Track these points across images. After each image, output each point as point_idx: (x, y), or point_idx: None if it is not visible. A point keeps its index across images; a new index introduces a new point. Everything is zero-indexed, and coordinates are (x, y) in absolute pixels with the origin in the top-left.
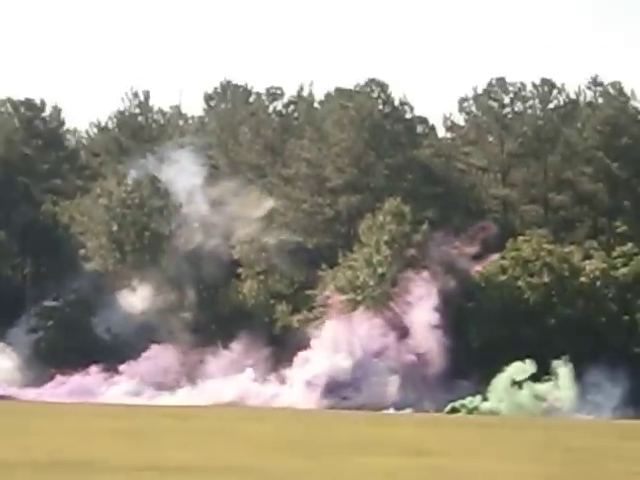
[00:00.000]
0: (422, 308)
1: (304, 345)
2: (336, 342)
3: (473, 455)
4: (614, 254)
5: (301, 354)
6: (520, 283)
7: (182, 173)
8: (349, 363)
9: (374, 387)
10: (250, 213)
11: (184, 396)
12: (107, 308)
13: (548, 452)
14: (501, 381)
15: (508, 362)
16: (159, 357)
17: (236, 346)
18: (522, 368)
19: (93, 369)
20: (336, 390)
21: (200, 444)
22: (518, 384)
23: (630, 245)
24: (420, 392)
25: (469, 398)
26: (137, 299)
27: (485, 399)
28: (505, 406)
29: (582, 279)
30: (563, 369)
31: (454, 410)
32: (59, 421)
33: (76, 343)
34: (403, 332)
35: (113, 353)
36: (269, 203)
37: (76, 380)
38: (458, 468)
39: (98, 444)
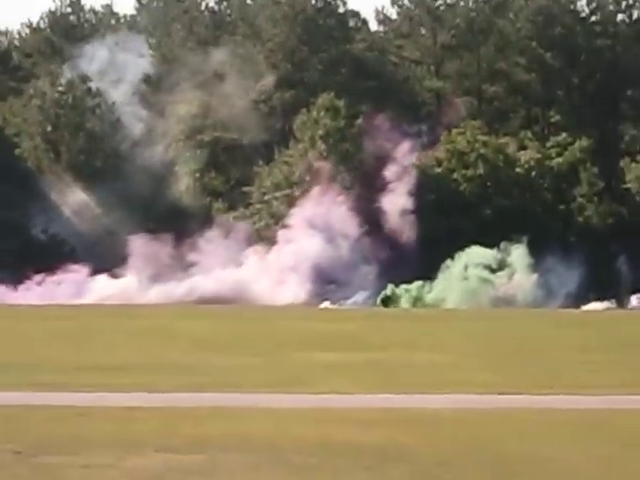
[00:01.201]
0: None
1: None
2: (314, 227)
3: (411, 348)
4: (548, 144)
5: (282, 234)
6: (455, 175)
7: (115, 72)
8: (332, 250)
9: (355, 279)
10: (184, 110)
11: (189, 288)
12: (43, 209)
13: (489, 343)
14: (456, 268)
15: (446, 254)
16: (144, 250)
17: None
18: (479, 254)
19: (74, 267)
20: (319, 280)
21: (140, 343)
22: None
23: (564, 135)
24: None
25: (417, 283)
26: (73, 199)
27: (429, 290)
28: (456, 295)
29: (517, 170)
30: (518, 252)
31: (393, 295)
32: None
33: (12, 245)
34: (372, 220)
35: (50, 253)
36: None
37: (63, 279)
38: (395, 362)
39: (39, 345)
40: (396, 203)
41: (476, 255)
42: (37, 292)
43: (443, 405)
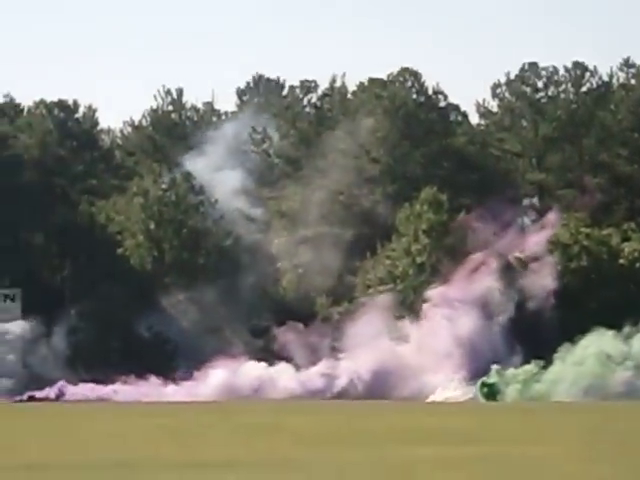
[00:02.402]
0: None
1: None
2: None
3: (521, 441)
4: None
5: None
6: (559, 267)
7: (217, 169)
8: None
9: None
10: (287, 206)
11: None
12: (147, 307)
13: (597, 436)
14: (574, 353)
15: (553, 346)
16: (291, 338)
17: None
18: (600, 339)
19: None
20: (471, 363)
21: (244, 439)
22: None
23: None
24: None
25: (527, 367)
26: (176, 297)
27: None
28: (570, 382)
29: (621, 261)
30: None
31: (500, 380)
32: (102, 421)
33: (117, 343)
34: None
35: (154, 351)
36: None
37: (209, 374)
38: (508, 455)
39: (141, 443)
40: (533, 287)
41: (597, 341)
42: (185, 387)
43: None
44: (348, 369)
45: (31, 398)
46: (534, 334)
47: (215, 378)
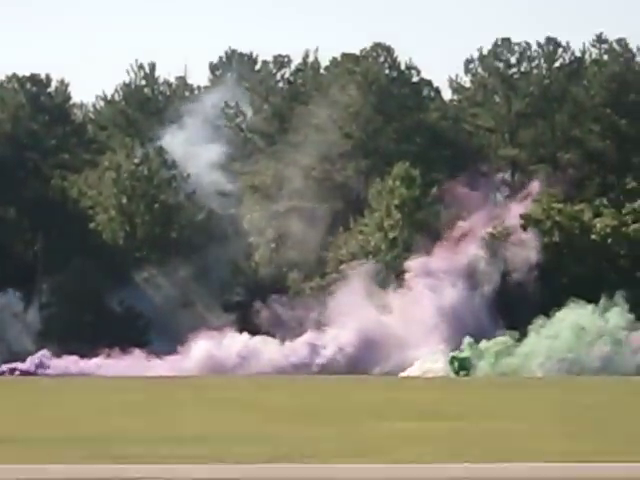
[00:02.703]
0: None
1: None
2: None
3: (490, 417)
4: (624, 211)
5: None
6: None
7: (190, 143)
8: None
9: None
10: (260, 181)
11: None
12: (119, 282)
13: (566, 411)
14: (549, 326)
15: (523, 321)
16: (273, 311)
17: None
18: (576, 313)
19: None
20: (455, 331)
21: (216, 414)
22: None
23: None
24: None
25: (501, 339)
26: (148, 272)
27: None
28: (544, 354)
29: (593, 237)
30: (617, 313)
31: (473, 354)
32: (75, 396)
33: (89, 317)
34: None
35: (126, 326)
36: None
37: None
38: (475, 430)
39: (114, 418)
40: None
41: (572, 314)
42: (169, 361)
43: (522, 474)
44: (333, 339)
45: (12, 371)
46: (516, 306)
47: (198, 351)
